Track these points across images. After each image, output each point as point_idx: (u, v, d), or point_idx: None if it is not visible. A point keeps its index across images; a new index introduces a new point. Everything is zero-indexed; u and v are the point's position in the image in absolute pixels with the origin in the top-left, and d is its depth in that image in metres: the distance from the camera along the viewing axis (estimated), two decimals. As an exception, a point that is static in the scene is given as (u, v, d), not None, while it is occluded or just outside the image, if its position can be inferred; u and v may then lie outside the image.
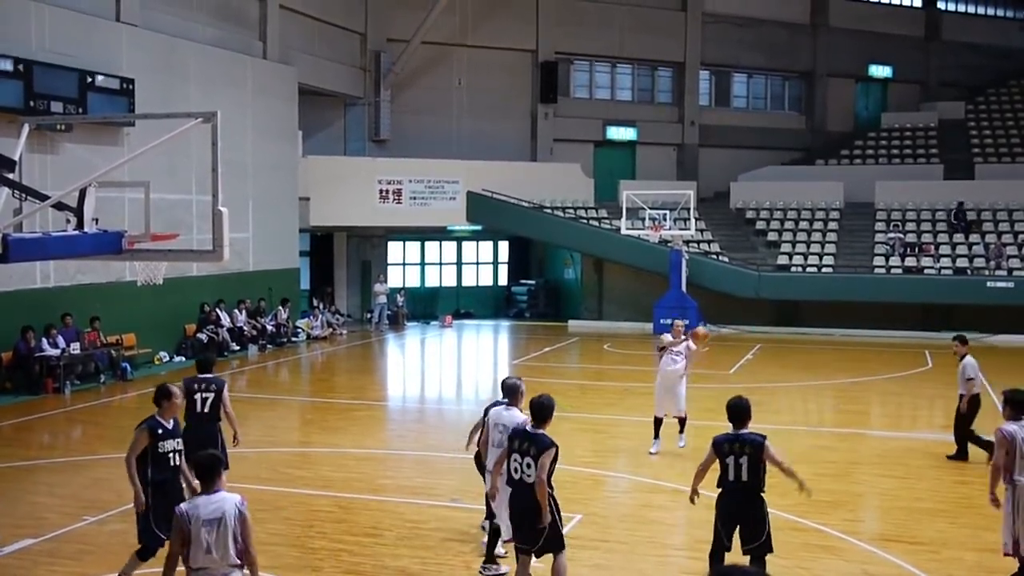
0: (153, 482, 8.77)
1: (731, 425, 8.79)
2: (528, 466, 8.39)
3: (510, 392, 9.61)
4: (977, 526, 11.50)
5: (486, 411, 9.86)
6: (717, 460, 8.66)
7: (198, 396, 11.02)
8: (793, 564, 10.04)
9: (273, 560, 10.25)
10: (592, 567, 9.98)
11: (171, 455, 8.84)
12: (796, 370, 24.12)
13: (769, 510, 8.57)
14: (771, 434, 16.58)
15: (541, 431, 8.60)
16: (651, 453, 14.68)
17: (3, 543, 10.47)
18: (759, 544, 8.48)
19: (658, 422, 14.87)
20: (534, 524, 8.39)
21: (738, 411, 8.81)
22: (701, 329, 15.53)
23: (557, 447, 8.60)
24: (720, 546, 8.62)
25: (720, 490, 8.65)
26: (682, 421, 15.04)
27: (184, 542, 6.56)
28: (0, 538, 10.61)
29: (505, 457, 8.75)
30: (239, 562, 6.68)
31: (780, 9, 42.21)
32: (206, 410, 11.02)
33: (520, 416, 9.31)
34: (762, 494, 8.61)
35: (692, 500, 9.06)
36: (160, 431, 8.82)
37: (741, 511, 8.57)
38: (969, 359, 14.99)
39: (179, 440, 8.97)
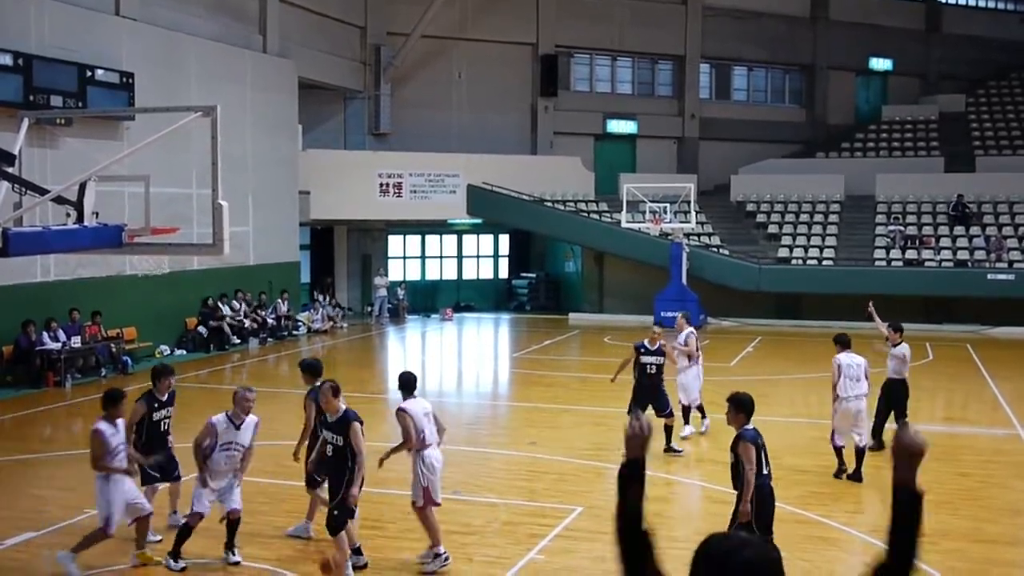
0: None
1: (744, 418, 8.89)
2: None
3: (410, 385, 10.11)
4: (978, 518, 11.51)
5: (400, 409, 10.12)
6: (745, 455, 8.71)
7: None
8: (794, 556, 10.05)
9: (275, 552, 10.28)
10: (593, 559, 9.99)
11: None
12: (797, 363, 24.10)
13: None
14: (773, 427, 16.65)
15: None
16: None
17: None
18: None
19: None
20: None
21: (754, 405, 8.99)
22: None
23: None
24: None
25: (756, 485, 8.61)
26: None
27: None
28: None
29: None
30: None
31: (780, 2, 42.10)
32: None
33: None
34: None
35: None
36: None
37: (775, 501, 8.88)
38: (906, 347, 14.74)
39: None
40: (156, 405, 10.62)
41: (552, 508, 11.73)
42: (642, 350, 14.62)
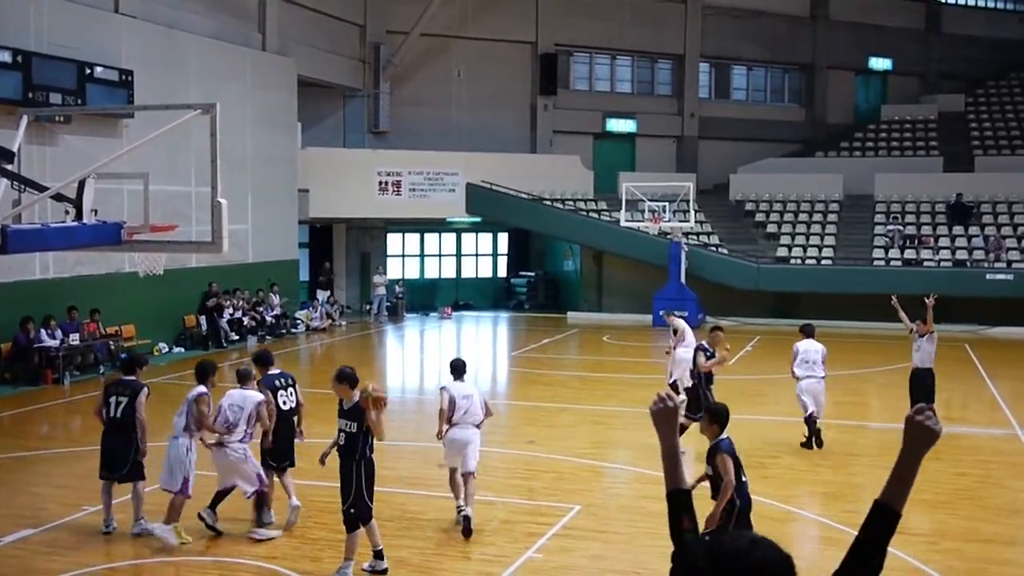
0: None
1: (718, 428, 8.61)
2: None
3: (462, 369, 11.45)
4: (976, 518, 11.52)
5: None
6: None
7: (113, 399, 10.67)
8: (791, 555, 10.03)
9: (273, 550, 10.28)
10: (591, 558, 9.99)
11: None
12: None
13: (767, 501, 8.63)
14: (770, 426, 16.63)
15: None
16: None
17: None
18: None
19: None
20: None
21: (728, 416, 8.74)
22: None
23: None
24: None
25: (737, 498, 8.46)
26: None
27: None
28: None
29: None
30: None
31: (780, 1, 42.07)
32: (118, 414, 10.60)
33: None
34: None
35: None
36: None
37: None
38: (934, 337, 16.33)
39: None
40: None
41: (550, 507, 11.73)
42: (708, 353, 14.71)
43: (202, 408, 10.33)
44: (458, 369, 11.27)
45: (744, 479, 8.60)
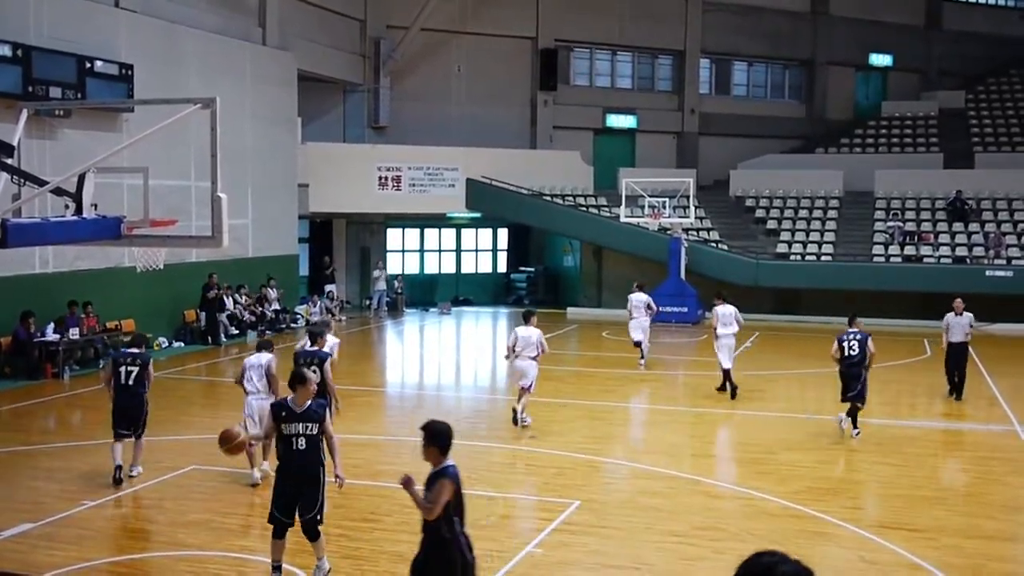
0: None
1: (437, 451, 7.38)
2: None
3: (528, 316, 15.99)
4: (975, 514, 11.53)
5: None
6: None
7: (123, 369, 12.37)
8: (790, 551, 10.03)
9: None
10: (589, 553, 10.00)
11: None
12: (795, 358, 24.13)
13: (766, 496, 8.57)
14: (768, 422, 16.61)
15: None
16: None
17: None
18: None
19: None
20: None
21: (451, 437, 7.39)
22: None
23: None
24: None
25: (449, 538, 7.38)
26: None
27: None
28: None
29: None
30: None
31: (781, -3, 42.13)
32: (130, 382, 12.35)
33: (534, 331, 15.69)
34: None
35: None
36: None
37: None
38: (970, 316, 18.61)
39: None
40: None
41: (549, 502, 11.74)
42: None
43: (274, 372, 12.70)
44: (524, 316, 16.03)
45: (460, 527, 7.27)
